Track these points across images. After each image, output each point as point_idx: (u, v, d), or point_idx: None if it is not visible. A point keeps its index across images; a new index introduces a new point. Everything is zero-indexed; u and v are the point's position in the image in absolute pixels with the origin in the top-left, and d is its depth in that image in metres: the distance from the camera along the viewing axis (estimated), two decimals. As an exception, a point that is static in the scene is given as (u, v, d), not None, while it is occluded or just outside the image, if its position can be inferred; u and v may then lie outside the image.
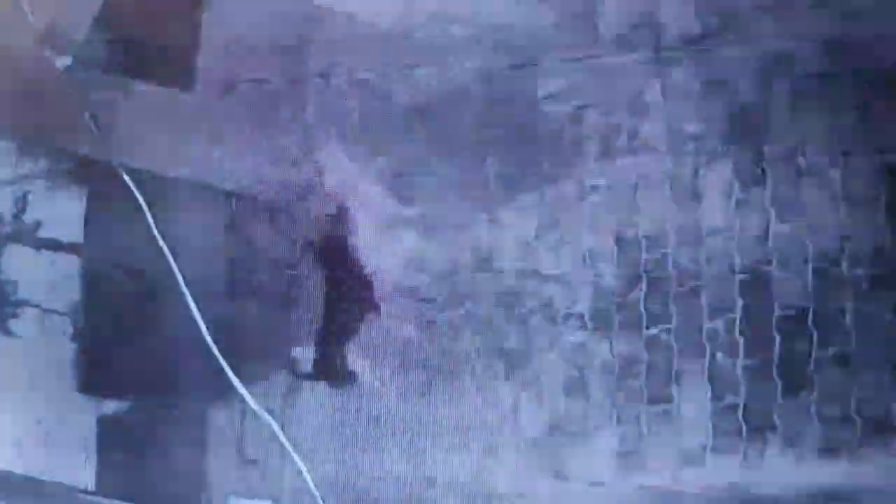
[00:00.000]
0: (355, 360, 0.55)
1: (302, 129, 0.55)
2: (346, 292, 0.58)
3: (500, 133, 0.52)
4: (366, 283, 0.56)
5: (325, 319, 0.55)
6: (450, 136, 0.53)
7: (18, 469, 0.62)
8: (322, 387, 0.54)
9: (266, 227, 0.57)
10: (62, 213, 0.60)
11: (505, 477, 0.50)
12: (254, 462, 0.55)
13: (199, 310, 0.57)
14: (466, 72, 0.52)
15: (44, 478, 0.61)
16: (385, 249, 0.58)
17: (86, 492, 0.62)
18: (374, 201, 0.57)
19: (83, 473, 0.61)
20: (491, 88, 0.52)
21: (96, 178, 0.60)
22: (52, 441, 0.62)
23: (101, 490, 0.61)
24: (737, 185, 0.48)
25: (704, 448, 0.49)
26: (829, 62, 0.48)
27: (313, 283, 0.55)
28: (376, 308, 0.57)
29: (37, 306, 0.63)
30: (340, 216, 0.58)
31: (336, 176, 0.55)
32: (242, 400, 0.55)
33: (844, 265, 0.47)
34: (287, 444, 0.55)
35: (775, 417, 0.48)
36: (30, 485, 0.62)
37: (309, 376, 0.57)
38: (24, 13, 0.58)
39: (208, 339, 0.57)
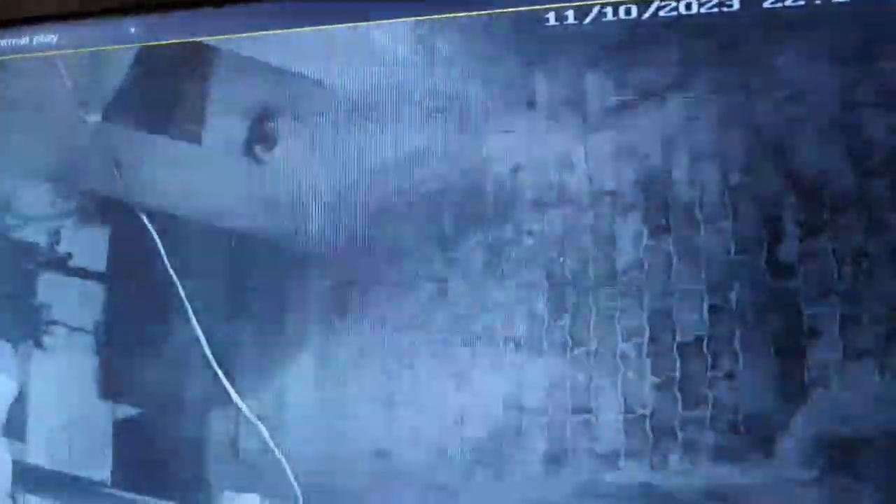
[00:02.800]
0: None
1: (290, 180, 0.61)
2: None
3: (452, 185, 0.58)
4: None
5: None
6: (411, 186, 0.59)
7: (46, 464, 0.72)
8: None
9: (259, 260, 0.65)
10: (89, 245, 0.67)
11: (450, 471, 0.53)
12: (245, 461, 0.63)
13: (203, 330, 0.66)
14: (425, 135, 0.58)
15: (66, 471, 0.71)
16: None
17: (102, 484, 0.71)
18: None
19: (100, 469, 0.70)
20: (446, 149, 0.59)
21: (118, 216, 0.66)
22: (74, 441, 0.72)
23: (114, 483, 0.69)
24: (646, 233, 0.56)
25: (618, 453, 0.55)
26: (721, 129, 0.54)
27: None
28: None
29: (65, 325, 0.73)
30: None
31: (317, 221, 0.61)
32: (238, 408, 0.65)
33: (733, 300, 0.54)
34: (273, 446, 0.63)
35: (676, 427, 0.54)
36: (55, 477, 0.71)
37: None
38: (62, 78, 0.68)
39: (209, 354, 0.66)
